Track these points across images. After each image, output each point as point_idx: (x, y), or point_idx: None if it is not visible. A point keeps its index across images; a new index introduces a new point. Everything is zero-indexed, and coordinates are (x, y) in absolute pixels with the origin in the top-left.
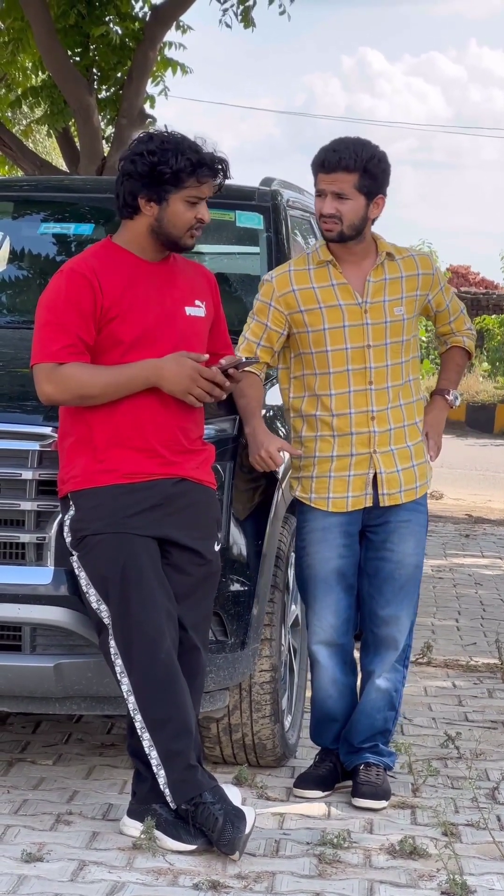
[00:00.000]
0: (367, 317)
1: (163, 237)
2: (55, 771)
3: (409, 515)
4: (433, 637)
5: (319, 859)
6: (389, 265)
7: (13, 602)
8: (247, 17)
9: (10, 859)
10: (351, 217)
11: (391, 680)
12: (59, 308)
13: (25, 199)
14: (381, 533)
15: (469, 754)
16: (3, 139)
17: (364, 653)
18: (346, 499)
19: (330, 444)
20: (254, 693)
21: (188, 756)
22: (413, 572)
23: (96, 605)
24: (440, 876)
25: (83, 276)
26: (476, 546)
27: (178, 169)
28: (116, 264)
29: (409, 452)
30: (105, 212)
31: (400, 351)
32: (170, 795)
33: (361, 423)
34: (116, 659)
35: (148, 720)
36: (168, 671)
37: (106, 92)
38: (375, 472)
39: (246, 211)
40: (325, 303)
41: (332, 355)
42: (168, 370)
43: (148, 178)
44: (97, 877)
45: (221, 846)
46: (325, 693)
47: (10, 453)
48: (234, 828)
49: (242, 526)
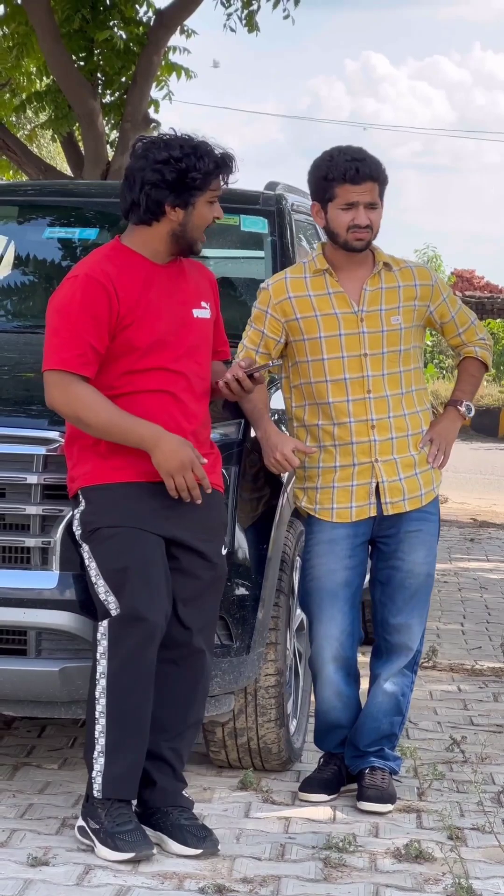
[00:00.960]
0: (364, 325)
1: (183, 241)
2: (60, 775)
3: (419, 525)
4: (438, 641)
5: (325, 863)
6: (386, 275)
7: (18, 606)
8: (251, 22)
9: (15, 863)
10: (378, 225)
11: (399, 684)
12: (72, 314)
13: (30, 203)
14: (391, 543)
15: (474, 758)
16: (8, 144)
17: (374, 657)
18: (349, 509)
19: (332, 455)
20: (259, 697)
21: (134, 758)
22: (424, 581)
23: (104, 597)
24: (446, 880)
25: (99, 283)
26: (481, 550)
27: (206, 172)
28: (130, 269)
29: (412, 461)
30: (110, 216)
31: (398, 360)
32: (98, 786)
33: (361, 433)
34: (103, 640)
35: (111, 708)
36: (150, 671)
37: (110, 96)
38: (378, 482)
39: (251, 215)
40: (321, 311)
41: (329, 364)
42: (167, 446)
43: (177, 185)
44: (103, 881)
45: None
46: (330, 705)
47: (15, 457)
48: (139, 841)
49: (248, 530)
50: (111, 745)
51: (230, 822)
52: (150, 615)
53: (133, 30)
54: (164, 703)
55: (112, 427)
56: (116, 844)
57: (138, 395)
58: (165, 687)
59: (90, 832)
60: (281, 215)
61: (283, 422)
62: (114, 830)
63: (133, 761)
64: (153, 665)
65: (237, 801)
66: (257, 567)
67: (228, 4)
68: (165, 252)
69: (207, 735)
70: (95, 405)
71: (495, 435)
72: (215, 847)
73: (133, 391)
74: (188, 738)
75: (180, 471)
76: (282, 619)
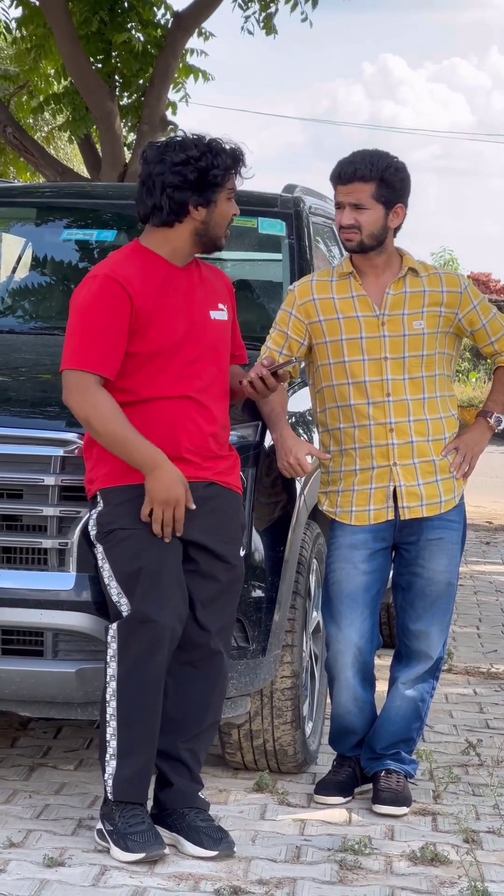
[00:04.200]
0: (385, 329)
1: (206, 239)
2: (76, 776)
3: (441, 533)
4: (454, 644)
5: (341, 865)
6: (412, 280)
7: (35, 608)
8: (269, 24)
9: (31, 864)
10: (369, 227)
11: (419, 690)
12: (91, 315)
13: (48, 205)
14: (413, 550)
15: (490, 761)
16: (26, 145)
17: (395, 661)
18: (367, 512)
19: (353, 458)
20: (275, 699)
21: (144, 761)
22: (445, 589)
23: (116, 598)
24: (461, 883)
25: (118, 284)
26: (497, 554)
27: (225, 167)
28: (150, 270)
29: (433, 467)
30: (127, 218)
31: (420, 365)
32: (110, 788)
33: (380, 436)
34: (112, 642)
35: (121, 711)
36: (159, 674)
37: (128, 98)
38: (395, 486)
39: (268, 218)
40: (344, 314)
41: (350, 366)
42: (165, 476)
43: (199, 184)
44: (119, 882)
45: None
46: (345, 709)
47: (33, 459)
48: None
49: (265, 532)
50: (122, 748)
51: (246, 824)
52: (159, 618)
53: (151, 32)
54: (182, 704)
55: (117, 440)
56: (128, 845)
57: (158, 401)
58: (182, 689)
59: (106, 834)
60: (298, 218)
61: (301, 424)
62: (126, 831)
63: (143, 764)
64: (163, 668)
65: (253, 803)
66: (274, 569)
67: (246, 7)
68: (187, 252)
69: (223, 737)
70: (106, 414)
71: None
72: (231, 849)
73: (152, 397)
74: (205, 740)
75: (166, 504)
76: (298, 621)
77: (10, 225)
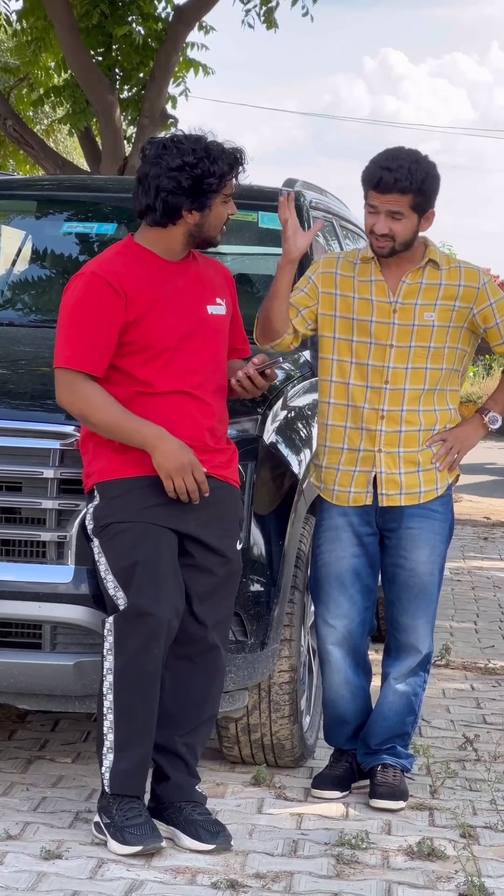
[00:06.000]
0: (396, 316)
1: (200, 239)
2: (74, 769)
3: (420, 522)
4: (451, 639)
5: (337, 860)
6: (431, 271)
7: (34, 600)
8: (270, 18)
9: (29, 856)
10: (403, 235)
11: (411, 684)
12: (78, 313)
13: (48, 198)
14: (394, 538)
15: (487, 757)
16: (26, 138)
17: (385, 656)
18: (348, 493)
19: (342, 436)
20: (273, 693)
21: (141, 754)
22: (428, 580)
23: (113, 592)
24: (458, 878)
25: (105, 281)
26: (495, 549)
27: (221, 174)
28: (140, 266)
29: (416, 457)
30: (127, 211)
31: (426, 356)
32: (108, 781)
33: (371, 420)
34: (109, 636)
35: (117, 704)
36: (156, 668)
37: (128, 92)
38: (377, 472)
39: (269, 212)
40: (360, 294)
41: (357, 346)
42: (168, 447)
43: (193, 191)
44: (116, 874)
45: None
46: (337, 694)
47: (31, 451)
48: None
49: (264, 526)
50: (119, 742)
51: (243, 818)
52: (155, 611)
53: (151, 25)
54: (179, 698)
55: (116, 427)
56: (125, 838)
57: (155, 396)
58: (180, 682)
59: (103, 827)
60: (299, 212)
61: (300, 418)
62: (123, 824)
63: (140, 757)
64: (159, 661)
65: (250, 797)
66: (272, 563)
67: (247, 1)
68: (180, 250)
69: (221, 731)
70: (101, 404)
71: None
72: (228, 842)
73: (149, 392)
74: (202, 734)
75: (179, 473)
76: (296, 615)
77: (9, 218)
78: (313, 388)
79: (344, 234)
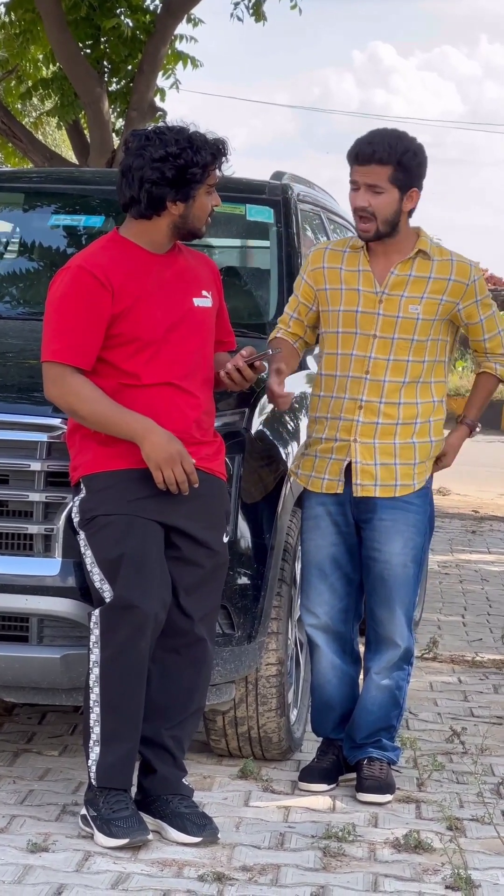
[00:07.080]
0: (381, 307)
1: (185, 230)
2: (61, 762)
3: (394, 514)
4: (439, 633)
5: (324, 852)
6: (421, 263)
7: (21, 593)
8: (258, 11)
9: (15, 849)
10: (384, 211)
11: (394, 678)
12: (64, 306)
13: (36, 190)
14: (368, 530)
15: (474, 749)
16: (14, 131)
17: (366, 650)
18: (322, 480)
19: (323, 426)
20: (260, 686)
21: (128, 747)
22: (401, 572)
23: (99, 585)
24: (445, 870)
25: (90, 274)
26: (483, 543)
27: (204, 164)
28: (126, 259)
29: (393, 449)
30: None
31: (408, 349)
32: (94, 774)
33: (349, 410)
34: (95, 629)
35: (104, 697)
36: (142, 660)
37: (116, 84)
38: (351, 461)
39: (256, 204)
40: (347, 285)
41: (342, 337)
42: (156, 438)
43: (177, 181)
44: (102, 867)
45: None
46: (324, 678)
47: (18, 444)
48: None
49: (251, 519)
50: (106, 734)
51: (230, 811)
52: (141, 604)
53: (140, 18)
54: (166, 691)
55: (104, 419)
56: (111, 830)
57: (141, 388)
58: (167, 675)
59: (90, 819)
60: (287, 205)
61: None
62: (110, 817)
63: (127, 750)
64: (146, 654)
65: (237, 790)
66: (260, 556)
67: None
68: (165, 242)
69: (208, 723)
70: (88, 397)
71: (498, 427)
72: (215, 835)
73: (136, 384)
74: (189, 727)
75: (168, 463)
76: (283, 608)
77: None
78: (301, 381)
79: (332, 228)
